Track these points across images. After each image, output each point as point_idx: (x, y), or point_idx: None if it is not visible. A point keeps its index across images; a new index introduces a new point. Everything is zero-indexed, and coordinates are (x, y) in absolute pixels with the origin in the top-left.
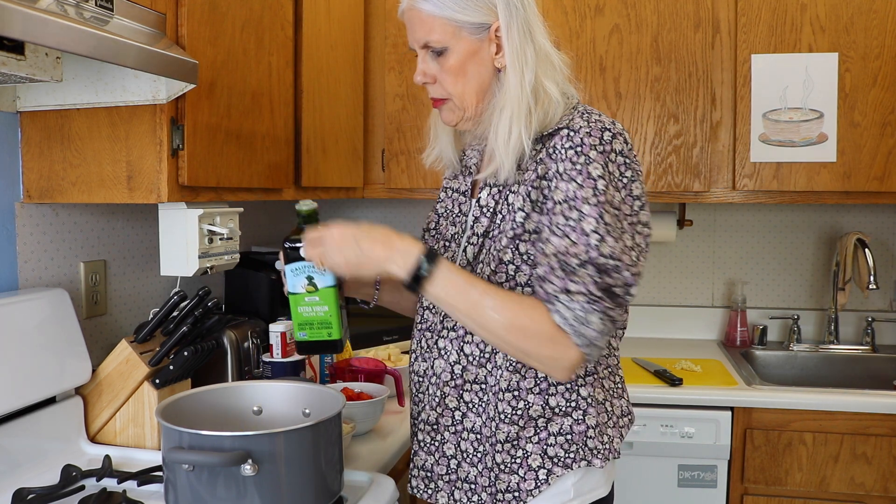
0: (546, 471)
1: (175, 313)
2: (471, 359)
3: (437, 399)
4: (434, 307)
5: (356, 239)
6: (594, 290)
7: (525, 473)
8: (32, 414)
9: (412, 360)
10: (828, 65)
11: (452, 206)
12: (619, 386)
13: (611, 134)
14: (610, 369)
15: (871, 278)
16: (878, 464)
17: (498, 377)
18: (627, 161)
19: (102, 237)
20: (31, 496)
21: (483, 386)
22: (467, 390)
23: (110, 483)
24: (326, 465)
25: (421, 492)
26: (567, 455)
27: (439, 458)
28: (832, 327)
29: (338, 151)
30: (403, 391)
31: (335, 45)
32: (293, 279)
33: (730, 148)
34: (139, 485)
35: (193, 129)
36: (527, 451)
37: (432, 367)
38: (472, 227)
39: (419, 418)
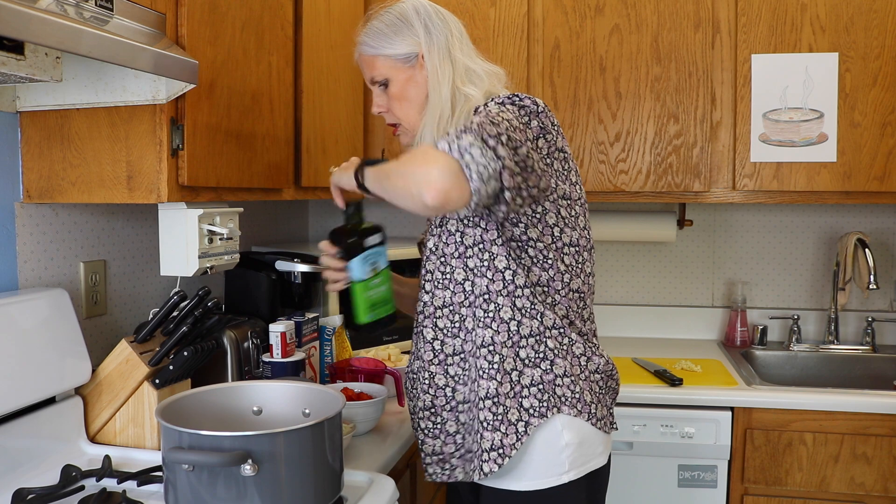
0: (524, 423)
1: (175, 313)
2: (445, 332)
3: (427, 382)
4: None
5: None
6: (486, 126)
7: (506, 429)
8: (32, 414)
9: (409, 361)
10: (828, 65)
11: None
12: (597, 348)
13: (516, 97)
14: (583, 335)
15: (872, 278)
16: (878, 464)
17: (473, 339)
18: (528, 111)
19: (102, 237)
20: (31, 496)
21: (462, 355)
22: (450, 364)
23: (110, 483)
24: (326, 465)
25: (438, 475)
26: (541, 405)
27: (445, 438)
28: (832, 327)
29: (338, 151)
30: (403, 391)
31: (335, 45)
32: (361, 268)
33: (730, 148)
34: (139, 485)
35: (193, 129)
36: (506, 407)
37: (421, 358)
38: (431, 221)
39: (416, 408)
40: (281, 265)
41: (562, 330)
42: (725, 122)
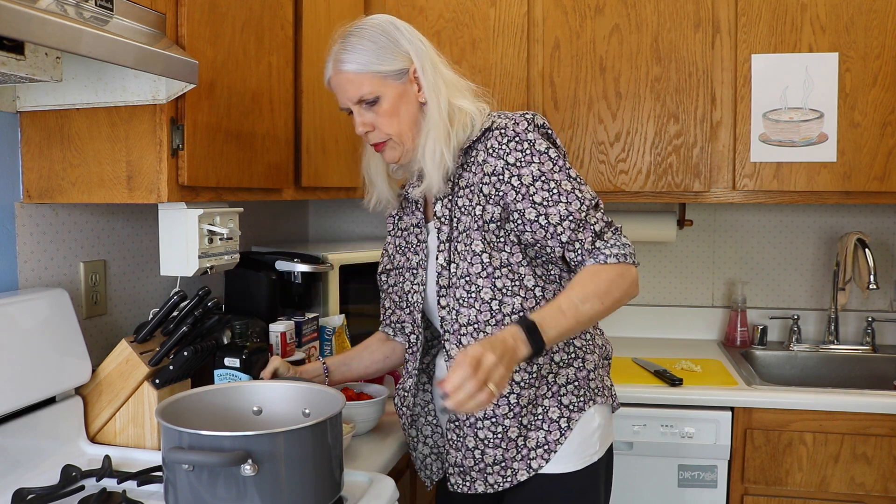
0: (566, 419)
1: (175, 313)
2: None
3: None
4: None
5: (489, 363)
6: (607, 219)
7: (549, 426)
8: (32, 414)
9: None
10: (828, 65)
11: (406, 243)
12: (602, 332)
13: (530, 115)
14: (596, 325)
15: (872, 278)
16: (878, 464)
17: None
18: (548, 133)
19: (102, 237)
20: (31, 496)
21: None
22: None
23: (110, 483)
24: (326, 466)
25: (460, 486)
26: (579, 400)
27: (465, 451)
28: (832, 327)
29: (338, 151)
30: None
31: None
32: None
33: (730, 148)
34: (139, 485)
35: (193, 129)
36: (545, 407)
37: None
38: (437, 237)
39: (446, 418)
40: (281, 265)
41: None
42: (725, 122)
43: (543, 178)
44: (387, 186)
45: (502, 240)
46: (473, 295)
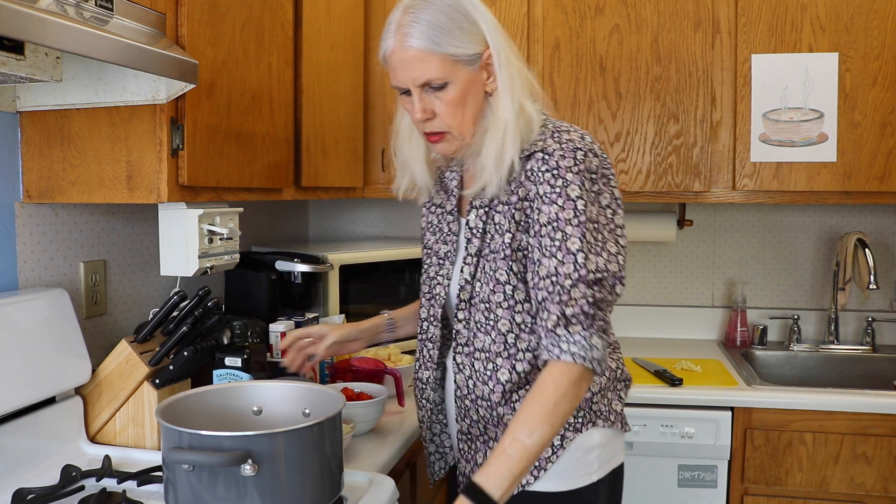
0: (560, 437)
1: (175, 313)
2: (478, 375)
3: (486, 418)
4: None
5: None
6: (588, 308)
7: None
8: (32, 414)
9: (417, 367)
10: (828, 65)
11: (439, 223)
12: (614, 350)
13: (583, 153)
14: (611, 344)
15: (872, 278)
16: (878, 464)
17: (506, 386)
18: (596, 176)
19: (102, 237)
20: (31, 496)
21: (490, 402)
22: (480, 406)
23: (110, 483)
24: (326, 465)
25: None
26: (576, 420)
27: (473, 465)
28: (832, 327)
29: (338, 151)
30: (403, 391)
31: (335, 45)
32: None
33: (730, 148)
34: (139, 485)
35: (193, 129)
36: None
37: (472, 387)
38: (465, 248)
39: (457, 429)
40: (281, 265)
41: None
42: (725, 122)
43: (556, 224)
44: (425, 171)
45: (525, 268)
46: (491, 323)
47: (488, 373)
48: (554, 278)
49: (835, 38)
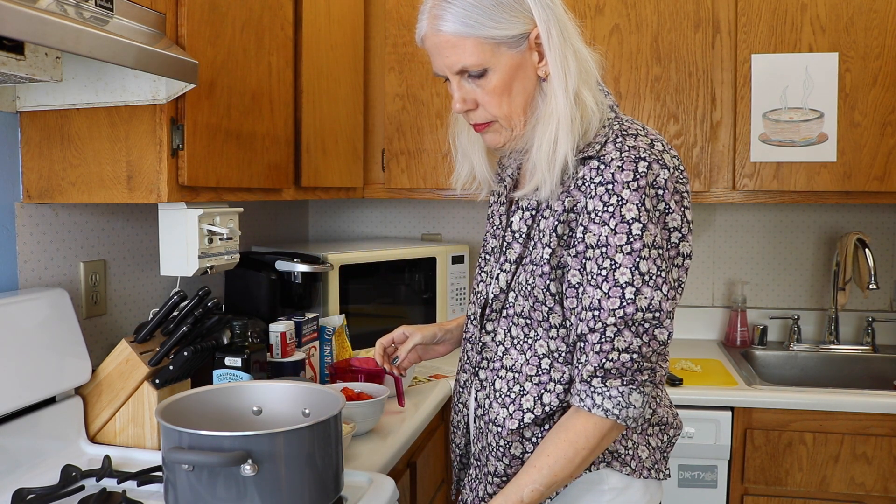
0: None
1: (175, 313)
2: (500, 395)
3: (492, 446)
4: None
5: None
6: (630, 363)
7: None
8: (32, 414)
9: (457, 390)
10: (828, 65)
11: (492, 214)
12: (658, 396)
13: (646, 164)
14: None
15: (872, 278)
16: (878, 464)
17: (528, 414)
18: (663, 192)
19: (102, 237)
20: (31, 496)
21: (502, 429)
22: (490, 432)
23: (110, 483)
24: (326, 465)
25: None
26: None
27: (474, 497)
28: (832, 327)
29: (338, 151)
30: (403, 391)
31: (335, 45)
32: None
33: (730, 148)
34: (139, 485)
35: (193, 129)
36: None
37: (487, 408)
38: (504, 252)
39: (472, 450)
40: (281, 265)
41: None
42: (725, 122)
43: (605, 250)
44: (485, 163)
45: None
46: (529, 342)
47: (512, 395)
48: (597, 312)
49: (835, 38)
